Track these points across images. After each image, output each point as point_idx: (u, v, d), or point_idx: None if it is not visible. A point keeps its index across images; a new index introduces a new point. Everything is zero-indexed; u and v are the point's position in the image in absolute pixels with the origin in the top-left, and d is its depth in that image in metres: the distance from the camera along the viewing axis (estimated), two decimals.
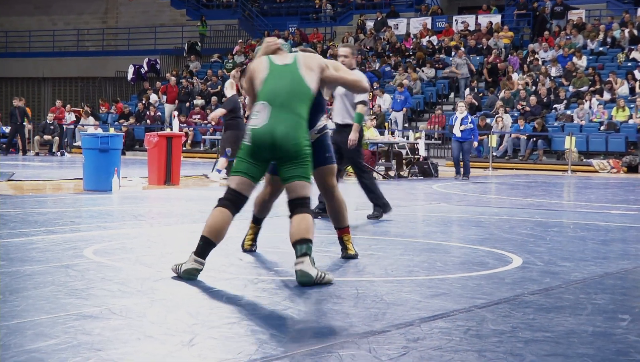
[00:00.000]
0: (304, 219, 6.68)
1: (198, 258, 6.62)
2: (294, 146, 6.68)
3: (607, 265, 7.74)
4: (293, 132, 6.71)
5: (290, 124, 6.73)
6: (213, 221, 6.72)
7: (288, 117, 6.75)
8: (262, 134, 6.70)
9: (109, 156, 15.57)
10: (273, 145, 6.68)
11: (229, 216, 6.74)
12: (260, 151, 6.74)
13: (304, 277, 6.40)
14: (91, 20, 50.67)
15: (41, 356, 4.26)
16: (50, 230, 9.51)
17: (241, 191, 6.80)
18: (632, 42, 34.08)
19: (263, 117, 6.76)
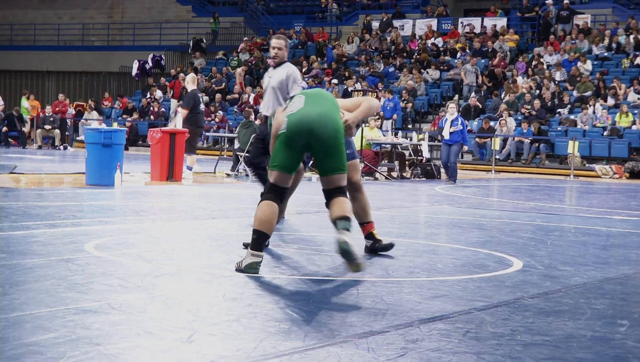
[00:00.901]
0: (343, 201, 6.96)
1: (255, 252, 6.82)
2: (331, 131, 6.94)
3: (607, 270, 7.74)
4: (330, 114, 7.01)
5: (327, 108, 7.04)
6: (262, 214, 6.93)
7: (323, 104, 7.08)
8: (299, 118, 6.95)
9: (112, 151, 15.58)
10: (310, 129, 6.90)
11: (275, 207, 6.97)
12: (297, 137, 6.94)
13: (344, 246, 6.61)
14: (96, 14, 50.68)
15: (40, 349, 4.27)
16: (51, 224, 9.52)
17: (280, 183, 7.02)
18: (637, 48, 34.06)
19: (298, 104, 7.07)
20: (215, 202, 13.24)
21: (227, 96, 38.13)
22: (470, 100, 32.98)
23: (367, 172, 21.83)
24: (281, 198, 7.04)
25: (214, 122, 35.27)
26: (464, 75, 34.71)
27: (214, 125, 34.92)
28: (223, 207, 12.62)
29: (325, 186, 7.10)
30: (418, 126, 33.00)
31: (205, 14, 47.85)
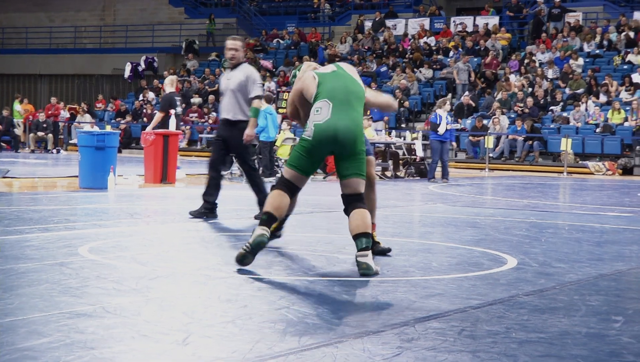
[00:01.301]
0: (363, 214, 7.15)
1: (264, 227, 7.04)
2: (354, 141, 7.19)
3: (602, 267, 7.75)
4: (354, 127, 7.22)
5: (352, 120, 7.24)
6: (274, 200, 7.18)
7: (348, 113, 7.26)
8: (325, 129, 7.16)
9: (105, 154, 15.56)
10: (335, 139, 7.15)
11: (287, 198, 7.21)
12: (321, 146, 7.20)
13: (367, 269, 6.89)
14: (89, 17, 50.62)
15: (34, 354, 4.26)
16: (45, 227, 9.51)
17: (294, 182, 7.26)
18: (628, 45, 34.11)
19: (325, 113, 7.24)
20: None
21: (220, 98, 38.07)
22: (463, 98, 33.00)
23: None
24: (292, 194, 7.27)
25: (207, 123, 35.26)
26: (456, 74, 34.70)
27: (207, 126, 34.90)
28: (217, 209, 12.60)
29: (344, 190, 7.32)
30: (412, 125, 33.01)
31: (197, 16, 47.81)
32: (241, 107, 10.96)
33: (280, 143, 21.95)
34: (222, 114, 11.07)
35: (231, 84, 10.86)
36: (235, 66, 10.95)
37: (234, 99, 10.92)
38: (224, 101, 11.01)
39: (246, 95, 10.88)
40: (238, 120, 10.95)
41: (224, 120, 11.07)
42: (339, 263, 7.56)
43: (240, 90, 10.87)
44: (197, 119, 36.25)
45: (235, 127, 10.95)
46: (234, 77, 10.87)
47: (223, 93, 11.03)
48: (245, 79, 10.84)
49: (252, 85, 10.88)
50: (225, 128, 11.06)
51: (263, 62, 40.13)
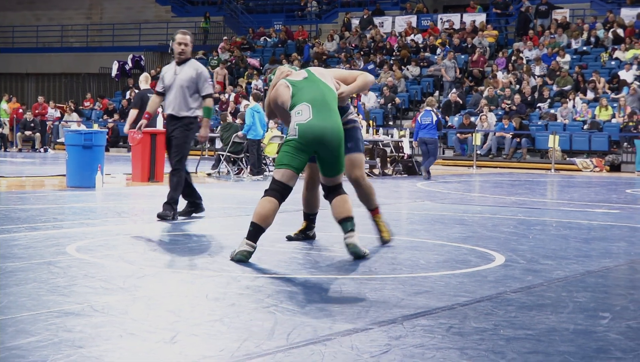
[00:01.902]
0: (344, 200, 7.73)
1: (250, 241, 7.36)
2: (338, 144, 7.59)
3: (589, 263, 7.77)
4: (338, 129, 7.60)
5: (335, 120, 7.62)
6: (262, 209, 7.45)
7: (331, 116, 7.63)
8: (310, 128, 7.50)
9: (93, 153, 15.53)
10: (322, 138, 7.50)
11: (275, 203, 7.47)
12: (307, 144, 7.51)
13: (355, 248, 7.52)
14: (75, 16, 50.49)
15: (22, 353, 4.25)
16: (32, 226, 9.49)
17: (285, 181, 7.52)
18: (616, 42, 34.19)
19: (307, 114, 7.57)
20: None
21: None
22: (451, 95, 33.02)
23: None
24: (283, 197, 7.51)
25: None
26: (444, 71, 34.74)
27: None
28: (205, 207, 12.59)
29: (324, 182, 7.84)
30: (399, 123, 33.02)
31: (184, 14, 47.74)
32: (187, 103, 10.74)
33: (268, 141, 21.95)
34: (168, 109, 10.84)
35: (180, 80, 10.66)
36: (183, 61, 10.77)
37: (181, 95, 10.71)
38: (170, 96, 10.77)
39: (194, 92, 10.72)
40: (183, 116, 10.73)
41: (169, 116, 10.86)
42: (326, 261, 7.56)
43: (189, 87, 10.69)
44: None
45: (179, 122, 10.73)
46: (183, 73, 10.68)
47: (169, 88, 10.77)
48: (196, 75, 10.68)
49: (204, 83, 10.74)
50: (170, 123, 10.85)
51: (250, 60, 40.10)
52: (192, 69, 10.72)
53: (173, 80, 10.70)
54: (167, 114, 10.87)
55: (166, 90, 10.82)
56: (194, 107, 10.76)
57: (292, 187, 7.57)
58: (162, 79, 10.90)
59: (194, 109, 10.77)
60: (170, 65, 10.94)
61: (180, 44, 10.73)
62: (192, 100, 10.75)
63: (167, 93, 10.81)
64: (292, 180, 7.53)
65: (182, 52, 10.74)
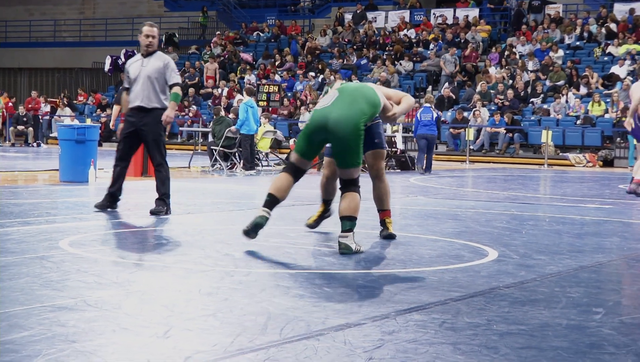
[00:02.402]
0: (354, 198, 7.79)
1: (266, 208, 7.80)
2: (346, 134, 7.68)
3: (582, 258, 7.77)
4: (347, 120, 7.70)
5: (347, 114, 7.73)
6: (279, 182, 7.90)
7: (350, 107, 7.78)
8: (318, 116, 7.82)
9: (86, 147, 15.51)
10: (326, 128, 7.72)
11: (290, 179, 7.92)
12: (315, 131, 7.84)
13: (346, 249, 7.56)
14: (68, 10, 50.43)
15: (15, 347, 4.25)
16: (25, 221, 9.47)
17: (299, 165, 7.94)
18: (609, 37, 34.21)
19: (327, 101, 7.90)
20: (190, 197, 13.22)
21: (201, 91, 38.06)
22: (444, 91, 33.03)
23: None
24: (297, 177, 7.94)
25: (188, 116, 35.20)
26: (443, 64, 34.74)
27: (188, 119, 34.85)
28: (198, 202, 12.60)
29: (340, 175, 7.96)
30: None
31: (177, 9, 47.72)
32: (157, 95, 10.68)
33: (261, 136, 21.94)
34: (136, 101, 10.70)
35: (147, 71, 10.61)
36: (150, 53, 10.76)
37: (150, 86, 10.64)
38: (137, 88, 10.68)
39: (163, 83, 10.67)
40: (153, 107, 10.66)
41: (137, 108, 10.70)
42: (319, 256, 7.56)
43: (157, 78, 10.64)
44: (177, 112, 36.15)
45: (150, 114, 10.65)
46: (151, 64, 10.66)
47: (135, 80, 10.70)
48: (163, 66, 10.65)
49: (172, 72, 10.70)
50: (138, 115, 10.71)
51: (243, 55, 40.08)
52: (159, 61, 10.71)
53: (139, 73, 10.66)
54: (135, 106, 10.70)
55: (131, 84, 10.76)
56: (164, 98, 10.71)
57: (304, 169, 7.97)
58: (127, 73, 10.86)
59: (164, 100, 10.71)
60: (135, 58, 10.93)
61: (147, 36, 10.71)
62: (161, 92, 10.71)
63: (133, 85, 10.74)
64: (305, 165, 7.95)
65: (149, 44, 10.71)
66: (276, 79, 36.46)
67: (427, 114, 22.34)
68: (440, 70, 35.39)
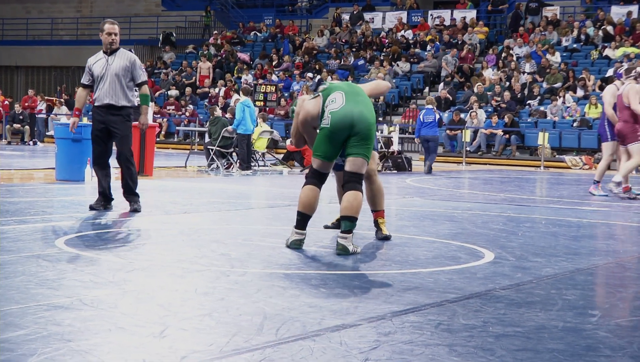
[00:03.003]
0: (357, 198, 7.79)
1: (299, 230, 7.89)
2: (368, 127, 7.83)
3: (578, 261, 7.78)
4: (368, 113, 7.88)
5: (365, 106, 7.91)
6: (305, 198, 7.91)
7: (361, 101, 7.95)
8: (342, 115, 7.81)
9: (82, 146, 15.49)
10: (352, 123, 7.78)
11: (317, 190, 7.96)
12: (339, 132, 7.82)
13: (343, 251, 7.60)
14: (65, 9, 50.41)
15: (11, 346, 4.24)
16: (21, 220, 9.46)
17: (321, 170, 7.96)
18: (606, 40, 34.24)
19: (340, 101, 7.90)
20: (186, 197, 13.22)
21: (197, 90, 38.05)
22: (441, 92, 33.06)
23: None
24: (321, 182, 7.98)
25: (185, 116, 35.19)
26: (445, 65, 34.77)
27: (185, 119, 34.83)
28: (194, 201, 12.59)
29: (348, 166, 7.89)
30: (389, 119, 33.04)
31: (174, 8, 47.71)
32: (125, 93, 10.66)
33: (258, 136, 21.94)
34: (105, 99, 10.63)
35: (114, 69, 10.58)
36: (113, 51, 10.71)
37: (117, 85, 10.60)
38: (105, 87, 10.63)
39: (130, 81, 10.66)
40: (122, 105, 10.64)
41: (106, 106, 10.65)
42: (316, 256, 7.55)
43: (124, 76, 10.62)
44: (174, 112, 36.18)
45: (119, 112, 10.64)
46: (116, 63, 10.62)
47: (101, 78, 10.64)
48: (129, 64, 10.64)
49: (139, 70, 10.71)
50: (107, 113, 10.66)
51: (240, 54, 40.08)
52: (124, 59, 10.68)
53: (105, 71, 10.60)
54: (104, 104, 10.65)
55: (96, 82, 10.70)
56: (131, 95, 10.73)
57: (327, 173, 8.02)
58: (89, 71, 10.78)
59: (132, 98, 10.73)
60: (97, 56, 10.84)
61: (110, 34, 10.67)
62: (129, 90, 10.70)
63: (98, 84, 10.69)
64: (327, 168, 7.99)
65: (112, 42, 10.68)
66: (273, 79, 36.47)
67: (429, 115, 23.28)
68: (437, 72, 35.42)
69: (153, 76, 39.71)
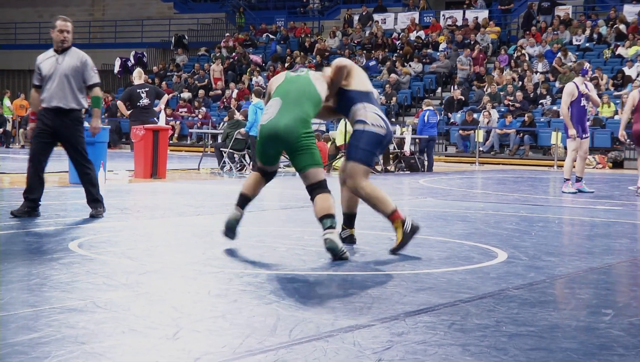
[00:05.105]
0: (325, 198, 7.58)
1: (238, 207, 8.04)
2: (295, 138, 7.56)
3: (592, 260, 7.76)
4: (294, 124, 7.57)
5: (294, 118, 7.60)
6: (248, 181, 8.15)
7: (294, 111, 7.63)
8: (267, 129, 7.64)
9: (95, 149, 15.47)
10: (277, 138, 7.60)
11: (260, 178, 8.08)
12: (269, 144, 7.72)
13: (332, 244, 7.33)
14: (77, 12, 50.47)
15: (25, 349, 4.25)
16: (35, 223, 9.49)
17: (265, 168, 8.06)
18: (618, 39, 34.15)
19: (271, 112, 7.70)
20: (199, 199, 13.23)
21: (210, 92, 38.08)
22: (454, 92, 33.02)
23: None
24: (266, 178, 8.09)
25: (197, 118, 35.23)
26: (461, 66, 34.73)
27: (197, 121, 34.87)
28: (207, 203, 12.61)
29: (304, 182, 7.72)
30: (402, 120, 33.01)
31: (186, 11, 47.76)
32: (74, 95, 10.13)
33: None
34: (52, 101, 10.04)
35: (64, 69, 10.04)
36: (64, 50, 10.20)
37: (67, 86, 10.06)
38: (53, 88, 10.03)
39: (80, 83, 10.13)
40: (71, 108, 10.10)
41: (54, 109, 10.06)
42: (329, 257, 7.55)
43: (75, 77, 10.09)
44: (186, 114, 36.22)
45: (68, 116, 10.10)
46: (67, 62, 10.09)
47: (50, 78, 10.05)
48: (81, 64, 10.12)
49: (91, 72, 10.20)
50: (55, 117, 10.08)
51: (252, 56, 40.10)
52: (76, 59, 10.16)
53: (54, 70, 10.08)
54: (51, 107, 10.06)
55: (44, 81, 10.12)
56: (81, 98, 10.20)
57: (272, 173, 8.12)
58: (38, 70, 10.24)
59: (82, 100, 10.21)
60: (47, 54, 10.32)
61: (62, 31, 10.14)
62: (79, 92, 10.17)
63: (46, 84, 10.10)
64: (270, 169, 8.06)
65: (64, 39, 10.14)
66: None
67: (433, 117, 24.17)
68: (449, 72, 35.38)
69: (166, 79, 39.76)
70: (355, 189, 7.97)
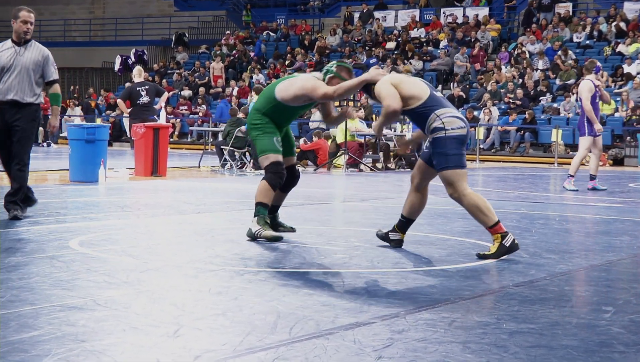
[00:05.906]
0: (261, 185, 8.36)
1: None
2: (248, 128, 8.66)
3: (592, 257, 7.77)
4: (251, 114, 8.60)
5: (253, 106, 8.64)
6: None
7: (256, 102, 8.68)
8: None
9: (96, 147, 15.53)
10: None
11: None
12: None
13: (248, 232, 8.26)
14: (78, 10, 50.50)
15: (25, 347, 4.26)
16: (35, 221, 9.49)
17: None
18: (619, 36, 34.13)
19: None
20: (200, 197, 13.23)
21: (211, 90, 38.08)
22: (454, 90, 33.01)
23: (351, 164, 21.88)
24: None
25: (198, 116, 35.22)
26: (459, 63, 34.74)
27: (198, 119, 34.87)
28: (208, 201, 12.60)
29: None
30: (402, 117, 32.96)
31: (187, 8, 47.74)
32: (32, 89, 9.78)
33: None
34: (8, 94, 9.66)
35: (24, 62, 9.75)
36: (26, 42, 9.93)
37: (26, 79, 9.71)
38: (10, 80, 9.67)
39: (40, 77, 9.87)
40: (28, 102, 9.74)
41: (9, 102, 9.67)
42: (329, 255, 7.56)
43: (35, 70, 9.82)
44: (187, 112, 36.22)
45: (23, 110, 9.71)
46: (28, 55, 9.81)
47: (8, 70, 9.69)
48: (42, 59, 9.88)
49: (52, 67, 10.01)
50: (11, 111, 9.67)
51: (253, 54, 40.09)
52: (37, 52, 9.91)
53: (13, 62, 9.75)
54: (7, 100, 9.66)
55: (1, 73, 9.71)
56: (39, 93, 9.93)
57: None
58: None
59: (38, 95, 9.93)
60: (6, 45, 9.98)
61: (25, 22, 9.85)
62: (37, 86, 9.89)
63: (2, 76, 9.70)
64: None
65: (27, 31, 9.86)
66: None
67: None
68: (450, 70, 35.38)
69: (166, 77, 39.76)
70: (458, 197, 7.79)
